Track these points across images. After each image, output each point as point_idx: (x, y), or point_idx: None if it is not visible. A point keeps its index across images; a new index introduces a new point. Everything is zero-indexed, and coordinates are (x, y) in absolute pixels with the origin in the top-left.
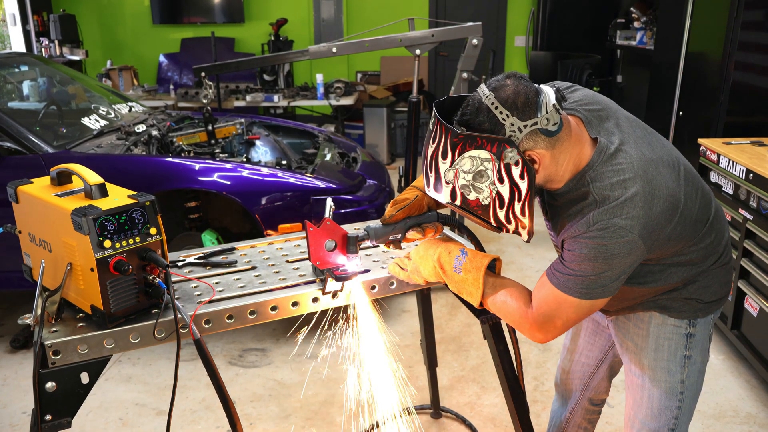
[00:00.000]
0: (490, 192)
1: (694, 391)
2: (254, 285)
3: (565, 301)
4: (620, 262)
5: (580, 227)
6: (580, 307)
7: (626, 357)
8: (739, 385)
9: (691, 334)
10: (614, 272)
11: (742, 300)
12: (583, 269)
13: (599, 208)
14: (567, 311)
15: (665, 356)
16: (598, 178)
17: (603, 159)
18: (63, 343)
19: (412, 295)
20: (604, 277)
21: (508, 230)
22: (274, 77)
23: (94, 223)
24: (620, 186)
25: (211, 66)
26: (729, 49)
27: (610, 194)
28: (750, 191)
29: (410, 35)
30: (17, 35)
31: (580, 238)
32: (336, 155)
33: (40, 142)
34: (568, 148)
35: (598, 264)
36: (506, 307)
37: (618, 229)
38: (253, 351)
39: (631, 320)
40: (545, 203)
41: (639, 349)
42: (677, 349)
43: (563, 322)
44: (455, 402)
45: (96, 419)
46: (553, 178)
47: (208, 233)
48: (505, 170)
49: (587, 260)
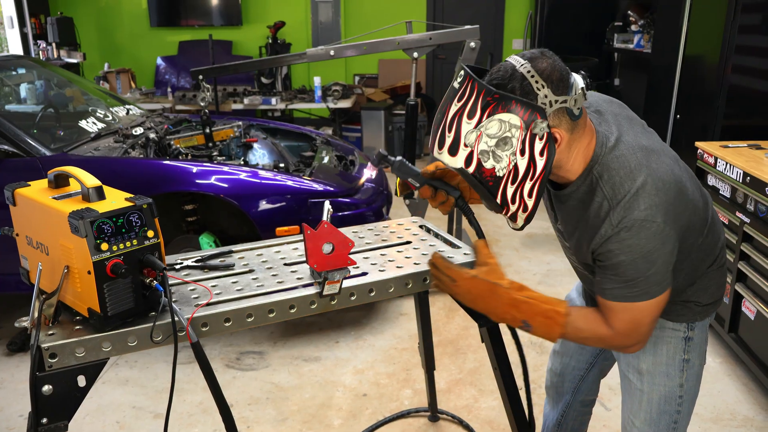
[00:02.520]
0: (508, 162)
1: (692, 395)
2: (252, 288)
3: (635, 308)
4: (660, 254)
5: (606, 231)
6: (651, 305)
7: (623, 361)
8: (737, 388)
9: (689, 338)
10: (660, 266)
11: (740, 303)
12: (630, 275)
13: (615, 208)
14: (643, 315)
15: (664, 360)
16: (605, 170)
17: (605, 152)
18: (60, 346)
19: (410, 297)
20: (654, 275)
21: (507, 211)
22: (272, 80)
23: (91, 225)
24: (628, 178)
25: (208, 69)
26: (726, 53)
27: (620, 189)
28: (747, 194)
29: (408, 38)
30: (15, 38)
31: (609, 243)
32: (334, 158)
33: (38, 144)
34: (581, 138)
35: (641, 265)
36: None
37: (642, 222)
38: (251, 354)
39: None
40: (552, 207)
41: (637, 353)
42: (676, 353)
43: (647, 323)
44: (453, 405)
45: (93, 422)
46: (562, 166)
47: (206, 236)
48: (530, 142)
49: (629, 266)
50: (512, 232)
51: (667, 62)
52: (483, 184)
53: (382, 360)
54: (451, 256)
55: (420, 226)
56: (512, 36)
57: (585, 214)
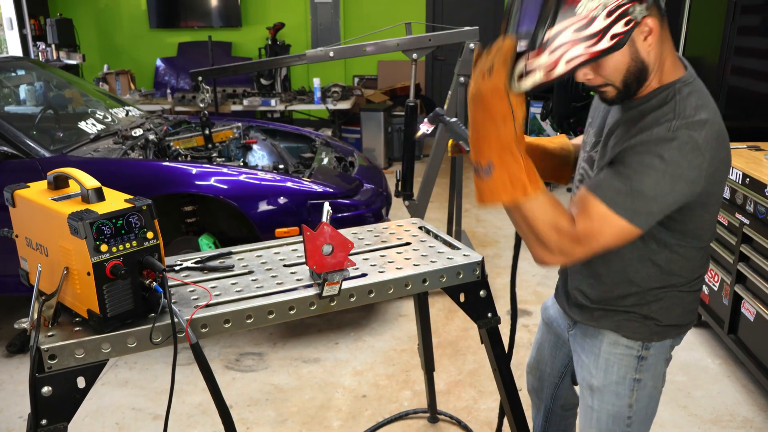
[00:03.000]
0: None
1: (643, 417)
2: (251, 289)
3: (611, 220)
4: (680, 189)
5: (659, 132)
6: (621, 232)
7: (579, 375)
8: (736, 390)
9: (642, 357)
10: (668, 199)
11: (739, 304)
12: (643, 184)
13: (678, 119)
14: (608, 232)
15: (614, 379)
16: (685, 89)
17: (692, 78)
18: (59, 347)
19: (409, 299)
20: (658, 202)
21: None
22: (271, 81)
23: (91, 227)
24: (702, 108)
25: (208, 70)
26: (725, 54)
27: (691, 111)
28: (747, 196)
29: (407, 39)
30: (14, 39)
31: (656, 145)
32: (333, 159)
33: (37, 146)
34: (665, 44)
35: (663, 181)
36: (539, 231)
37: (697, 147)
38: (250, 355)
39: (588, 336)
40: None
41: (590, 367)
42: (627, 372)
43: (601, 244)
44: (452, 406)
45: (92, 424)
46: (647, 66)
47: (205, 237)
48: (617, 17)
49: (653, 173)
50: (512, 233)
51: None
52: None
53: (382, 361)
54: (450, 257)
55: (419, 228)
56: None
57: (640, 121)
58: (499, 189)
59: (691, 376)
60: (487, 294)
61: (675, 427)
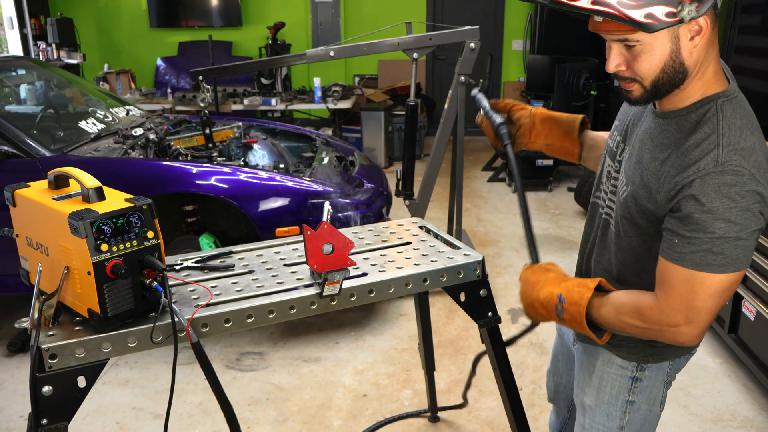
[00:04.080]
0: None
1: None
2: (252, 289)
3: (701, 281)
4: (754, 217)
5: (707, 165)
6: (718, 285)
7: (574, 390)
8: (737, 389)
9: (637, 378)
10: (751, 228)
11: (739, 303)
12: (719, 230)
13: (725, 146)
14: (705, 293)
15: (606, 398)
16: (728, 108)
17: (734, 93)
18: (60, 346)
19: (410, 298)
20: (743, 237)
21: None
22: (272, 81)
23: (91, 226)
24: (748, 130)
25: (208, 69)
26: (726, 54)
27: (736, 133)
28: None
29: (408, 39)
30: (14, 39)
31: (705, 183)
32: (333, 159)
33: (38, 145)
34: (712, 50)
35: (736, 218)
36: (633, 328)
37: (750, 176)
38: (251, 354)
39: (585, 353)
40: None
41: (584, 384)
42: (620, 393)
43: (706, 308)
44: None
45: (93, 423)
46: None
47: (206, 237)
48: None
49: (721, 216)
50: (512, 232)
51: None
52: None
53: (382, 361)
54: (450, 257)
55: (420, 227)
56: (512, 36)
57: (681, 141)
58: (576, 301)
59: (692, 375)
60: (488, 293)
61: (675, 426)
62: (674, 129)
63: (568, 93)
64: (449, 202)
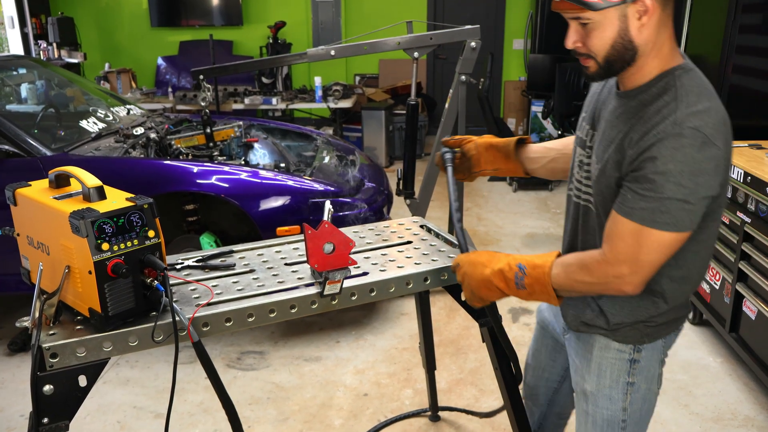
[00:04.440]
0: None
1: (638, 419)
2: (252, 288)
3: (647, 236)
4: (706, 181)
5: (665, 128)
6: (662, 241)
7: (573, 379)
8: (737, 388)
9: (635, 360)
10: (699, 197)
11: (740, 303)
12: (668, 192)
13: (683, 109)
14: (650, 248)
15: (607, 383)
16: (685, 78)
17: (689, 66)
18: (61, 346)
19: (411, 297)
20: (690, 203)
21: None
22: (273, 80)
23: (92, 225)
24: (704, 96)
25: (209, 69)
26: (727, 53)
27: (693, 98)
28: (748, 194)
29: (408, 38)
30: (15, 38)
31: (662, 145)
32: (334, 158)
33: (38, 144)
34: (664, 30)
35: (686, 182)
36: (582, 285)
37: (706, 137)
38: (251, 354)
39: (580, 340)
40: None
41: (583, 372)
42: (620, 376)
43: (649, 261)
44: (453, 405)
45: (94, 422)
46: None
47: (207, 236)
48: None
49: (672, 179)
50: (513, 232)
51: None
52: None
53: (383, 360)
54: (451, 256)
55: (420, 226)
56: (513, 36)
57: (643, 111)
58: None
59: (693, 374)
60: None
61: (676, 425)
62: (636, 104)
63: (568, 92)
64: (450, 202)
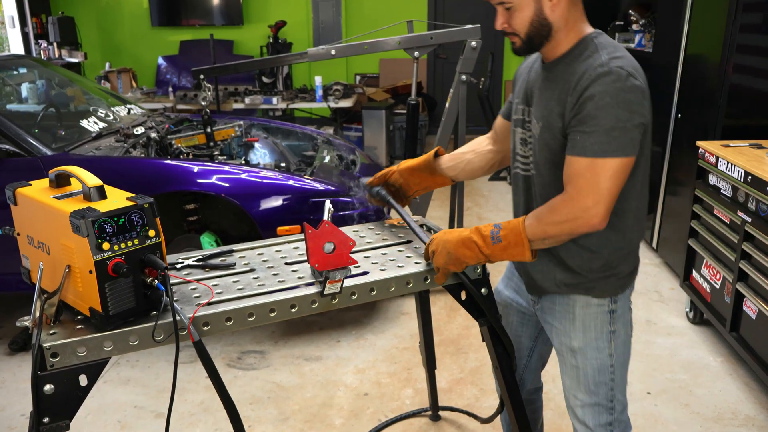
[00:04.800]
0: None
1: (622, 361)
2: (253, 287)
3: (602, 165)
4: (637, 109)
5: (595, 70)
6: (615, 167)
7: (557, 341)
8: (738, 388)
9: (613, 311)
10: (636, 123)
11: (741, 302)
12: (611, 122)
13: (605, 54)
14: (606, 175)
15: (593, 336)
16: (601, 38)
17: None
18: (61, 345)
19: (411, 297)
20: (631, 128)
21: None
22: (273, 79)
23: (93, 225)
24: (619, 48)
25: (209, 68)
26: (727, 52)
27: (611, 49)
28: (748, 194)
29: (409, 38)
30: (16, 37)
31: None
32: (335, 157)
33: (39, 144)
34: (574, 9)
35: (622, 112)
36: (553, 226)
37: (629, 75)
38: (252, 353)
39: (557, 304)
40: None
41: (568, 332)
42: (603, 327)
43: (608, 188)
44: (454, 404)
45: (94, 422)
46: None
47: (207, 235)
48: None
49: (611, 110)
50: None
51: (669, 61)
52: None
53: (384, 359)
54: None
55: (421, 225)
56: None
57: (572, 66)
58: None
59: (693, 374)
60: (489, 292)
61: (677, 425)
62: (564, 65)
63: None
64: (450, 201)
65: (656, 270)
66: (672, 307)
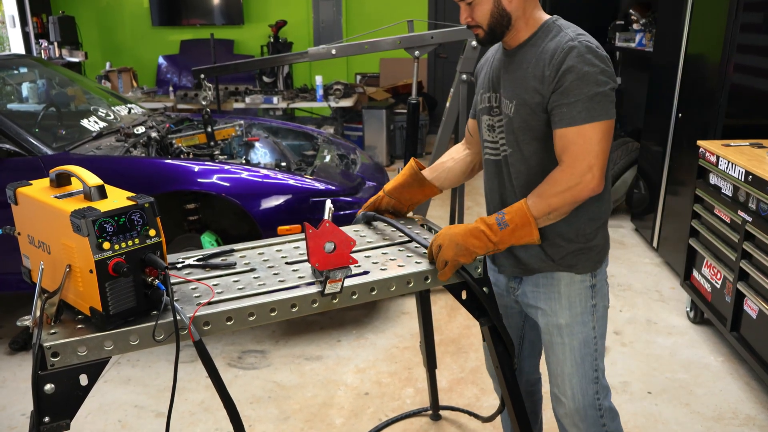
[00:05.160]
0: None
1: (602, 333)
2: (253, 287)
3: (591, 130)
4: (611, 75)
5: (565, 45)
6: (602, 130)
7: (543, 321)
8: (739, 387)
9: (593, 285)
10: (611, 85)
11: (742, 302)
12: (592, 89)
13: (570, 32)
14: (595, 139)
15: (579, 311)
16: (561, 20)
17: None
18: (62, 344)
19: (411, 296)
20: (608, 92)
21: None
22: (274, 79)
23: (93, 224)
24: (580, 30)
25: (210, 68)
26: (728, 52)
27: (574, 28)
28: (749, 193)
29: (409, 37)
30: (16, 37)
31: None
32: (335, 157)
33: (39, 144)
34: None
35: (601, 78)
36: (555, 197)
37: (597, 45)
38: (252, 353)
39: (541, 286)
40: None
41: (555, 310)
42: (586, 302)
43: (601, 150)
44: (455, 404)
45: (95, 421)
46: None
47: (208, 235)
48: None
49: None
50: None
51: (669, 61)
52: None
53: (384, 359)
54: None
55: (422, 225)
56: None
57: (539, 46)
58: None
59: (694, 373)
60: (490, 291)
61: (677, 424)
62: (529, 47)
63: None
64: (451, 201)
65: (657, 269)
66: (672, 306)
